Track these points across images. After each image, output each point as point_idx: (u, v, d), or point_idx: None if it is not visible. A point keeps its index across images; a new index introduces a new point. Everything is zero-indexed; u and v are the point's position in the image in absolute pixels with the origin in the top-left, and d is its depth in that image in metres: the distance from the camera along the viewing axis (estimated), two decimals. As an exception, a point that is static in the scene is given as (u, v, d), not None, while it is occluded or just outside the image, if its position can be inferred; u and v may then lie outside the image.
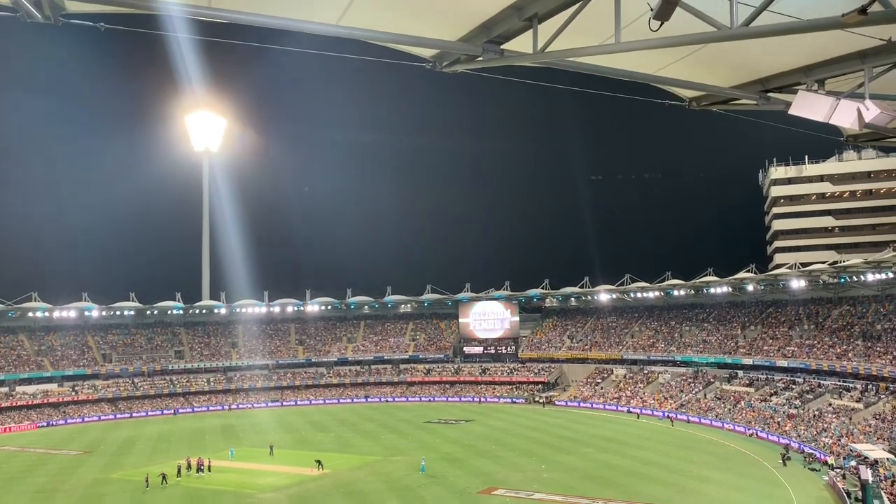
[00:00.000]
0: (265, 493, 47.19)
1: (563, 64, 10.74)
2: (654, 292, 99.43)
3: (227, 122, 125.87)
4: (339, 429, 78.01)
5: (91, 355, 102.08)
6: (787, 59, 11.77)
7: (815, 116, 11.03)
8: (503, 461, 56.54)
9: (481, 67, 11.03)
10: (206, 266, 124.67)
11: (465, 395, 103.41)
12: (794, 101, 11.19)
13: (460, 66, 10.99)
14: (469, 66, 10.96)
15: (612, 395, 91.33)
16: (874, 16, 7.69)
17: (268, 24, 9.31)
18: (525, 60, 10.63)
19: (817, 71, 11.78)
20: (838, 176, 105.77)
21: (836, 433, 57.44)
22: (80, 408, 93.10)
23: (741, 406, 73.33)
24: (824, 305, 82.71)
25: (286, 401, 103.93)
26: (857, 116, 10.80)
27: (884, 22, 8.82)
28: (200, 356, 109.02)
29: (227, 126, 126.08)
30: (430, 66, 11.11)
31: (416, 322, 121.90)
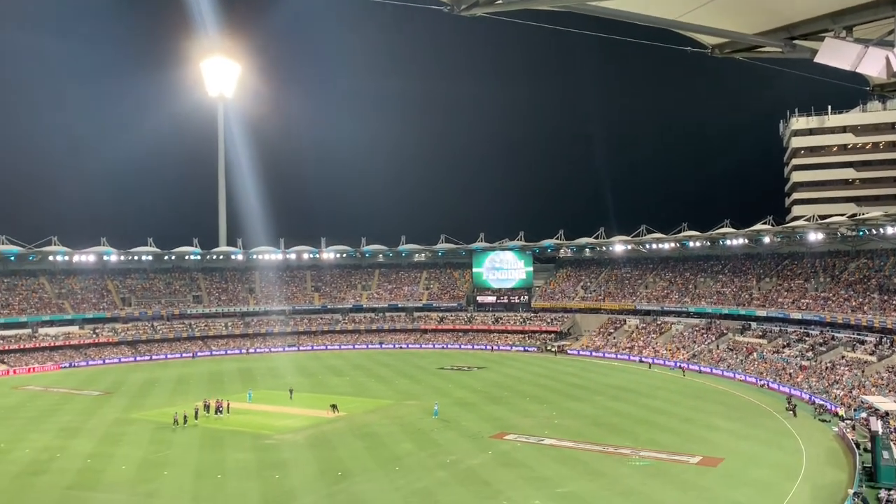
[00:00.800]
0: (282, 435, 48.32)
1: (584, 8, 10.54)
2: (670, 243, 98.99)
3: (241, 67, 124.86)
4: (354, 373, 79.30)
5: (110, 299, 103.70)
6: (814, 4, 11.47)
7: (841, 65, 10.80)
8: (515, 407, 57.40)
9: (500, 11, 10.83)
10: (223, 212, 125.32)
11: (477, 343, 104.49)
12: (821, 49, 10.94)
13: (479, 10, 10.79)
14: (488, 10, 10.76)
15: (624, 345, 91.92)
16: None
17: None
18: (544, 4, 10.44)
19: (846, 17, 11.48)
20: (861, 127, 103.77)
21: (848, 385, 57.69)
22: (100, 350, 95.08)
23: (753, 357, 73.63)
24: (841, 258, 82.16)
25: (302, 346, 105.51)
26: (885, 65, 10.56)
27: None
28: (218, 301, 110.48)
29: (241, 72, 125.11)
30: (448, 10, 10.92)
31: (430, 271, 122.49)
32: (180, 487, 36.44)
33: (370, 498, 34.16)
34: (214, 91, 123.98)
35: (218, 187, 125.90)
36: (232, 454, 43.18)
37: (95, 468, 40.26)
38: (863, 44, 10.72)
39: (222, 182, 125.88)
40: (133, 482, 37.38)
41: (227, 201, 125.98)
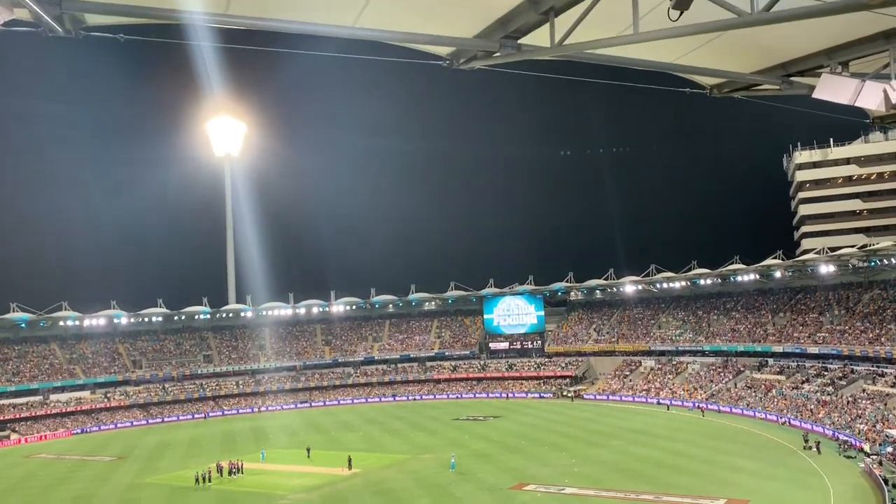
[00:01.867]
0: (297, 494, 47.56)
1: (582, 56, 10.67)
2: (681, 282, 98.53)
3: (247, 126, 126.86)
4: (368, 428, 78.37)
5: (121, 362, 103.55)
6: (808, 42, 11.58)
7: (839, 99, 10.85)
8: (533, 456, 56.44)
9: (498, 63, 10.98)
10: (232, 270, 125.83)
11: (492, 392, 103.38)
12: (818, 85, 11.01)
13: (477, 63, 10.94)
14: (486, 63, 10.91)
15: (640, 387, 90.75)
16: (899, -6, 7.54)
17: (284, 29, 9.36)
18: (543, 54, 10.56)
19: (840, 53, 11.58)
20: (865, 158, 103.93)
21: (871, 419, 56.58)
22: (112, 414, 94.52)
23: (773, 394, 72.49)
24: (854, 290, 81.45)
25: (314, 401, 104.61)
26: (883, 97, 10.60)
27: (909, 1, 8.63)
28: (228, 359, 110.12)
29: (247, 131, 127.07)
30: (447, 64, 11.08)
31: (440, 319, 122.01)
32: (195, 553, 35.73)
33: (389, 556, 33.37)
34: (221, 150, 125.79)
35: (226, 245, 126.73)
36: (247, 516, 42.44)
37: (109, 536, 39.58)
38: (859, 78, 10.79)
39: (230, 240, 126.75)
40: (147, 549, 36.68)
41: (235, 258, 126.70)
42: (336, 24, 9.52)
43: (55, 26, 8.42)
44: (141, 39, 10.51)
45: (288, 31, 9.38)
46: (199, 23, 8.80)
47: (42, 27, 8.48)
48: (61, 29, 8.61)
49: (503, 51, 10.26)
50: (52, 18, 8.28)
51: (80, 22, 9.01)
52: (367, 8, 9.22)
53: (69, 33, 8.83)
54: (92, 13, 8.94)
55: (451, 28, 10.13)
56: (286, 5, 9.19)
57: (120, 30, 9.64)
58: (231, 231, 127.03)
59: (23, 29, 8.74)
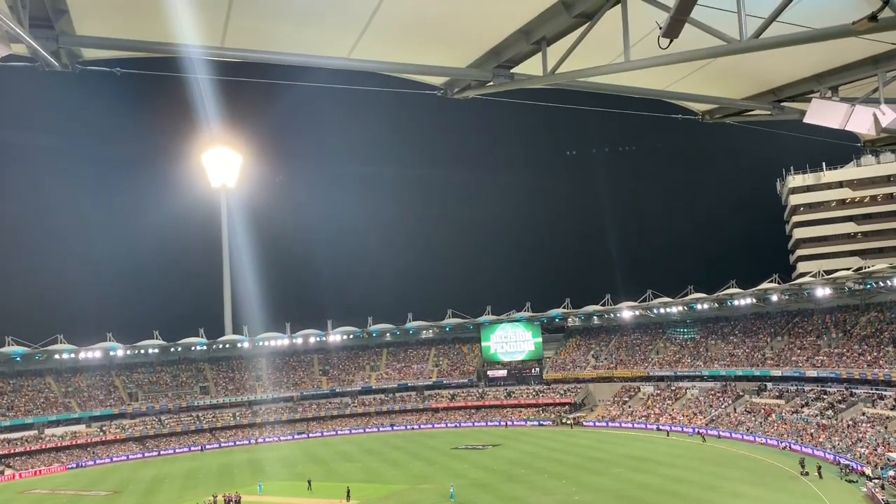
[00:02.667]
0: (295, 527, 46.92)
1: (574, 84, 10.79)
2: (678, 307, 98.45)
3: (242, 157, 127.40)
4: (366, 458, 77.62)
5: (117, 395, 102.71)
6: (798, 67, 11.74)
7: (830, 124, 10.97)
8: (533, 485, 55.87)
9: (492, 92, 11.10)
10: (228, 301, 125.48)
11: (491, 420, 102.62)
12: (809, 110, 11.14)
13: (471, 92, 11.07)
14: (480, 92, 11.04)
15: (640, 413, 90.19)
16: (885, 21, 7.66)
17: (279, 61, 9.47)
18: (535, 83, 10.69)
19: (830, 78, 11.73)
20: (857, 181, 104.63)
21: (872, 442, 56.23)
22: (108, 448, 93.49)
23: (772, 419, 72.09)
24: (851, 312, 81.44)
25: (312, 432, 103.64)
26: (873, 122, 10.72)
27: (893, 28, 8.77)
28: (225, 391, 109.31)
29: (243, 162, 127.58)
30: (442, 94, 11.21)
31: (438, 347, 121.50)
32: (191, 589, 35.13)
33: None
34: (217, 181, 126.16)
35: (223, 276, 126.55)
36: (244, 550, 41.81)
37: (104, 573, 38.94)
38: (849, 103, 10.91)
39: (227, 270, 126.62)
40: (143, 586, 36.07)
41: (231, 289, 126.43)
42: (331, 56, 9.63)
43: (52, 61, 8.50)
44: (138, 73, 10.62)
45: (283, 62, 9.49)
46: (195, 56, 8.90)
47: (39, 62, 8.56)
48: (58, 63, 8.70)
49: (496, 80, 10.39)
50: (49, 53, 8.36)
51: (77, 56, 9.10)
52: (362, 39, 9.34)
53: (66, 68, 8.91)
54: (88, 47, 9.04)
55: (445, 58, 10.26)
56: (281, 38, 9.30)
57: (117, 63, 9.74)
58: (227, 262, 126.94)
59: (20, 63, 8.82)
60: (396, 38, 9.66)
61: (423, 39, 9.78)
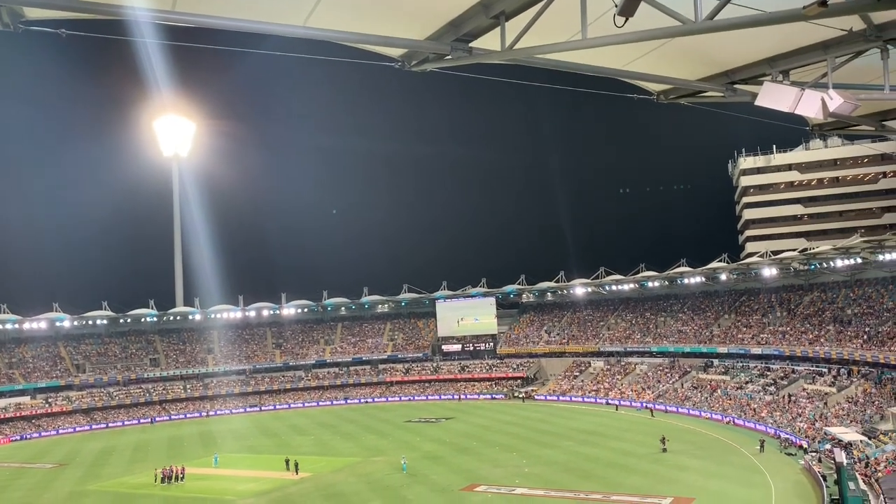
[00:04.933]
0: (245, 500, 46.82)
1: (532, 61, 10.78)
2: (629, 284, 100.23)
3: (196, 125, 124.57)
4: (319, 431, 77.66)
5: (64, 366, 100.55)
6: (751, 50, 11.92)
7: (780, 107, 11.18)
8: (484, 457, 56.67)
9: (450, 66, 11.03)
10: (179, 272, 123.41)
11: (444, 393, 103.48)
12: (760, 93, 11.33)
13: (429, 65, 10.98)
14: (438, 65, 10.96)
15: (590, 387, 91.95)
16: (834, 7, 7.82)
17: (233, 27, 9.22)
18: (493, 58, 10.65)
19: (782, 62, 11.95)
20: (805, 164, 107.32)
21: (811, 417, 58.39)
22: (54, 420, 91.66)
23: (718, 394, 74.24)
24: (796, 292, 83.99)
25: (264, 405, 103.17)
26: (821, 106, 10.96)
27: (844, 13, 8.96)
28: (176, 363, 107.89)
29: (196, 130, 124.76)
30: (399, 66, 11.09)
31: (393, 322, 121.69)
32: (140, 561, 34.88)
33: (339, 560, 33.10)
34: (169, 150, 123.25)
35: (174, 246, 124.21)
36: (194, 523, 41.63)
37: (49, 546, 38.39)
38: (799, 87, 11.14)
39: (178, 241, 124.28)
40: (89, 559, 35.67)
41: (183, 260, 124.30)
42: (286, 24, 9.43)
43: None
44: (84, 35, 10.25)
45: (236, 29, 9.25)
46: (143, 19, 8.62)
47: (-22, 20, 8.21)
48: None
49: (454, 53, 10.31)
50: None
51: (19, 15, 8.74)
52: (318, 8, 9.16)
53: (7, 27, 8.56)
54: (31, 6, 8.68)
55: (403, 30, 10.13)
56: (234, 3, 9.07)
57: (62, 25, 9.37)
58: (179, 232, 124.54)
59: (-42, 21, 8.45)
60: (353, 7, 9.51)
61: (380, 9, 9.64)
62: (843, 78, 12.16)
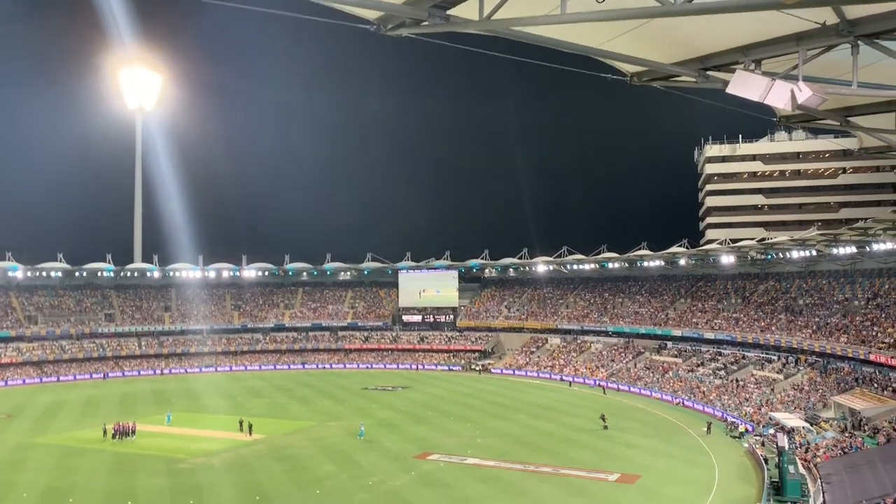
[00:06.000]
0: (197, 459, 46.68)
1: (509, 33, 10.71)
2: (590, 264, 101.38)
3: (162, 78, 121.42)
4: (275, 395, 77.52)
5: (15, 317, 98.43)
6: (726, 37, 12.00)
7: (751, 96, 11.30)
8: (439, 427, 57.25)
9: (426, 32, 10.90)
10: (139, 227, 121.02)
11: (402, 363, 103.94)
12: (732, 80, 11.44)
13: (405, 30, 10.83)
14: (414, 31, 10.82)
15: (546, 363, 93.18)
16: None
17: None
18: (470, 27, 10.55)
19: (755, 51, 12.06)
20: (769, 156, 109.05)
21: (757, 402, 60.04)
22: (2, 371, 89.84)
23: (669, 376, 75.83)
24: (751, 280, 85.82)
25: (221, 366, 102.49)
26: (790, 97, 11.12)
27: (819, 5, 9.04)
28: (132, 320, 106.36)
29: (162, 83, 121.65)
30: (375, 29, 10.92)
31: (355, 290, 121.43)
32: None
33: (289, 522, 33.28)
34: (133, 103, 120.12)
35: (134, 201, 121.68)
36: (143, 479, 41.40)
37: (-7, 497, 37.90)
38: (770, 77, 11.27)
39: (138, 196, 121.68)
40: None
41: (143, 216, 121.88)
42: (261, -22, 9.20)
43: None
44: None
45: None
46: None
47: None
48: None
49: (431, 20, 10.19)
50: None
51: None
52: (294, -37, 8.95)
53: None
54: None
55: (381, -8, 9.97)
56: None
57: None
58: (139, 187, 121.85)
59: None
60: (331, -34, 9.32)
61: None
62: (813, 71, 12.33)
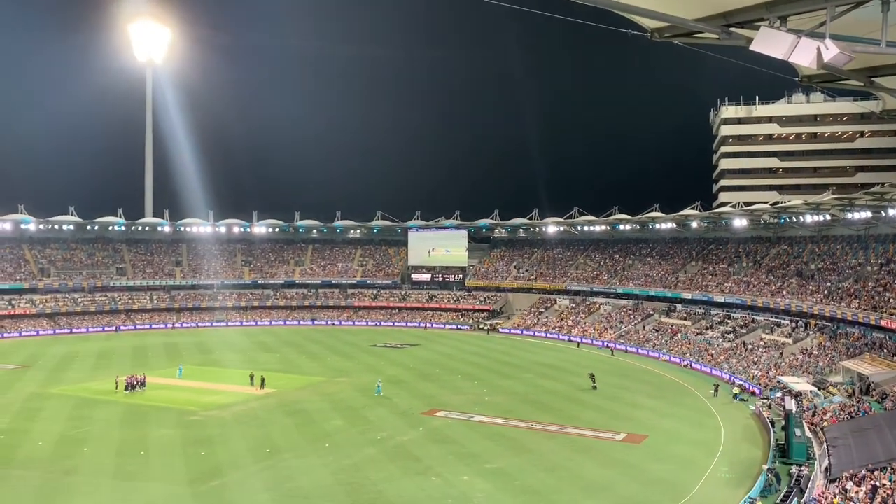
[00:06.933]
0: (208, 411, 47.37)
1: (529, -16, 10.41)
2: (601, 226, 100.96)
3: (171, 32, 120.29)
4: (285, 350, 78.33)
5: (28, 269, 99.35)
6: (752, -7, 11.66)
7: (775, 53, 11.01)
8: (446, 384, 57.80)
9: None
10: (150, 182, 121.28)
11: (411, 321, 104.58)
12: (756, 37, 11.14)
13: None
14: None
15: (554, 324, 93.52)
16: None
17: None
18: (490, -22, 10.26)
19: (780, 7, 11.71)
20: (786, 118, 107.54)
21: (765, 366, 60.16)
22: (17, 322, 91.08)
23: (678, 338, 75.98)
24: (763, 244, 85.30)
25: (231, 321, 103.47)
26: (816, 55, 10.80)
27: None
28: (143, 274, 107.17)
29: (171, 36, 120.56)
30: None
31: (364, 248, 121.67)
32: (101, 464, 35.33)
33: (298, 474, 33.86)
34: (143, 56, 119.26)
35: (145, 156, 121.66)
36: (156, 430, 42.14)
37: (10, 444, 38.69)
38: (796, 34, 10.95)
39: (149, 150, 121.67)
40: (50, 459, 36.05)
41: (154, 171, 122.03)
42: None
43: None
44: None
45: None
46: None
47: None
48: None
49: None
50: None
51: None
52: None
53: None
54: None
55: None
56: None
57: None
58: (150, 141, 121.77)
59: None
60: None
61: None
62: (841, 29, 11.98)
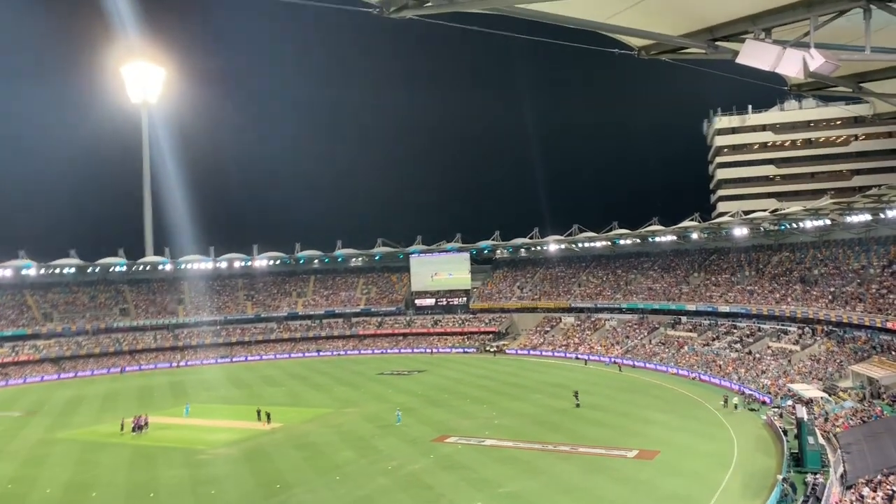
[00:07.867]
0: (216, 449, 47.05)
1: (514, 11, 10.53)
2: (601, 242, 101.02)
3: (166, 72, 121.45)
4: (291, 383, 77.98)
5: (31, 315, 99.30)
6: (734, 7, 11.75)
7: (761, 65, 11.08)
8: (455, 409, 57.43)
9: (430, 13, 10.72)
10: (149, 221, 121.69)
11: (417, 347, 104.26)
12: (742, 50, 11.21)
13: (408, 12, 10.65)
14: (417, 12, 10.63)
15: (560, 342, 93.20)
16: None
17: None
18: (475, 6, 10.38)
19: (764, 19, 11.81)
20: (780, 125, 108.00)
21: (775, 374, 59.83)
22: (21, 368, 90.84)
23: (685, 351, 75.66)
24: (765, 252, 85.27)
25: (236, 356, 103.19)
26: (802, 65, 10.88)
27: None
28: (146, 314, 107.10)
29: (166, 76, 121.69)
30: (378, 12, 10.74)
31: (367, 276, 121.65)
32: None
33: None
34: (137, 97, 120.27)
35: (143, 195, 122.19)
36: (164, 472, 41.79)
37: (18, 493, 38.35)
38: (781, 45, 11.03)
39: (148, 190, 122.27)
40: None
41: (153, 210, 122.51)
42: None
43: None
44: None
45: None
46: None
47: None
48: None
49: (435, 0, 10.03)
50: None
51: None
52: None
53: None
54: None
55: (382, -27, 9.80)
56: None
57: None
58: (148, 181, 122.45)
59: None
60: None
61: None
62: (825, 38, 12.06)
